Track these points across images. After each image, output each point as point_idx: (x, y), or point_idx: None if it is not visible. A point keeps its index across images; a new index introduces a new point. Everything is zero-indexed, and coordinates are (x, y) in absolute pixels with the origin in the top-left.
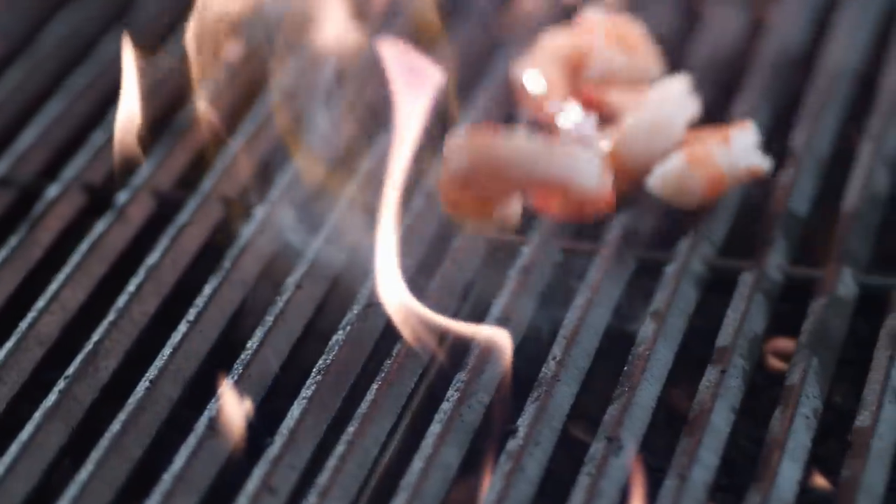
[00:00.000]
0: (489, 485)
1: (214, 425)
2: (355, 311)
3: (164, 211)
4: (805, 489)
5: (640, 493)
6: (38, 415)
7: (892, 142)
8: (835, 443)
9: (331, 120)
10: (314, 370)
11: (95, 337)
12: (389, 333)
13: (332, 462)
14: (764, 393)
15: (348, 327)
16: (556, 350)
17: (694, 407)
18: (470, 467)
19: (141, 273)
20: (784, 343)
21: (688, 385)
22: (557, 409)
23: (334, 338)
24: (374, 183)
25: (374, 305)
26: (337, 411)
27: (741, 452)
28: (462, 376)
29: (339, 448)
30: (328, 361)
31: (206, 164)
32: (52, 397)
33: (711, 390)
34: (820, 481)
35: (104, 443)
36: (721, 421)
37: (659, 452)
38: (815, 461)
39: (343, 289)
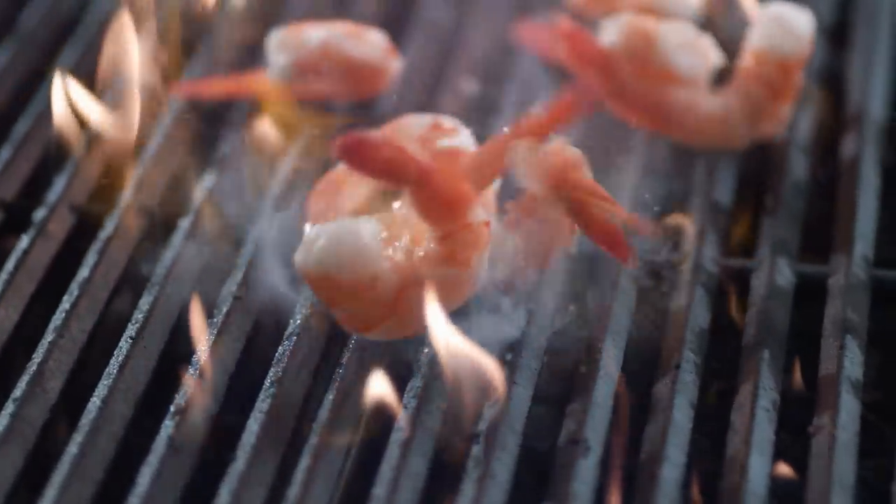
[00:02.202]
0: (461, 492)
1: (173, 444)
2: (298, 321)
3: (84, 225)
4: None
5: (614, 494)
6: None
7: (804, 128)
8: (786, 433)
9: (245, 124)
10: (266, 382)
11: (38, 357)
12: (335, 339)
13: (299, 475)
14: (711, 387)
15: (294, 337)
16: (507, 353)
17: (653, 404)
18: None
19: (74, 290)
20: None
21: (641, 382)
22: (517, 412)
23: (280, 349)
24: (293, 188)
25: (315, 314)
26: (294, 423)
27: (697, 448)
28: (417, 382)
29: (305, 460)
30: (279, 373)
31: (119, 176)
32: (3, 421)
33: (668, 386)
34: (786, 472)
35: (64, 466)
36: (682, 417)
37: (620, 450)
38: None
39: (281, 296)
